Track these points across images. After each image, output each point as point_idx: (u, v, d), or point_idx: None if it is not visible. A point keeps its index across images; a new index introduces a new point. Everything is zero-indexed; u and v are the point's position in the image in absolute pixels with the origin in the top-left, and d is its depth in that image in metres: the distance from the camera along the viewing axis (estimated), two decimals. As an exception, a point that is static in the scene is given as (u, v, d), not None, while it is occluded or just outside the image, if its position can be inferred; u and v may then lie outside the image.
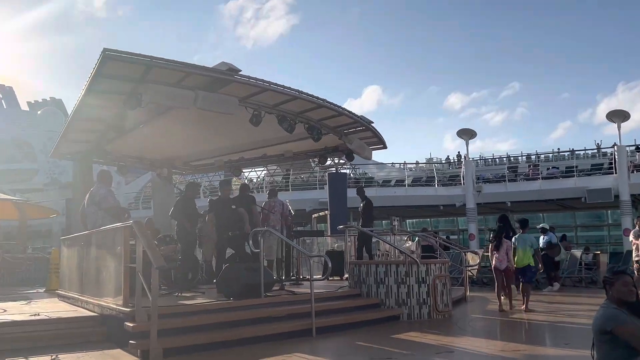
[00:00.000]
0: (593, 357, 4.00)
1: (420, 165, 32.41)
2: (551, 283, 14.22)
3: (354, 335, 7.29)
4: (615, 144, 25.59)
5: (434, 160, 35.23)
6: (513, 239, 10.57)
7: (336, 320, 7.76)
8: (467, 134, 23.39)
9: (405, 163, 30.47)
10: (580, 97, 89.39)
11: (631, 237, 12.70)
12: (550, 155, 29.15)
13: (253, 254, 8.27)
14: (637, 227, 12.85)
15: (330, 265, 7.64)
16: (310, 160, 27.66)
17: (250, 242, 8.11)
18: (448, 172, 28.41)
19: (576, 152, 27.95)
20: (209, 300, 7.51)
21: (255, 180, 28.52)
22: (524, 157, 30.85)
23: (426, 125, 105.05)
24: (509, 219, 12.29)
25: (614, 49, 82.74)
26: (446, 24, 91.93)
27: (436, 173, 26.51)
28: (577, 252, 17.42)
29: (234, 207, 9.35)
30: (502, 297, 10.19)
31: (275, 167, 26.53)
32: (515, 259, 10.36)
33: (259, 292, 7.63)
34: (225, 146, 12.52)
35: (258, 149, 12.49)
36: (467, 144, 23.39)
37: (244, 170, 22.09)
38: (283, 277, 10.80)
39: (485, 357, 6.16)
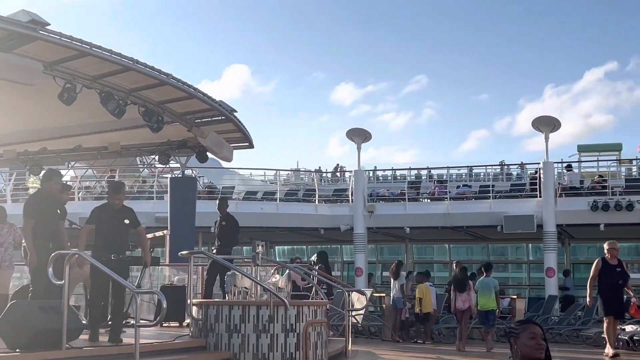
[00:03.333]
0: None
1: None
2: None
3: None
4: (520, 163, 27.82)
5: (302, 170, 35.22)
6: (477, 283, 14.37)
7: (170, 383, 7.63)
8: (359, 136, 24.11)
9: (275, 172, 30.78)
10: (502, 99, 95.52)
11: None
12: (444, 172, 30.27)
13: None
14: None
15: (165, 305, 7.46)
16: (138, 159, 26.91)
17: (50, 270, 7.74)
18: (327, 187, 28.94)
19: (474, 170, 29.49)
20: (-19, 353, 7.06)
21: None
22: (411, 172, 31.95)
23: (307, 123, 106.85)
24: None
25: (545, 41, 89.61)
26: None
27: (317, 186, 27.05)
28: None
29: (127, 221, 8.91)
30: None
31: (86, 167, 25.36)
32: (479, 302, 14.04)
33: (59, 342, 7.30)
34: (20, 131, 12.02)
35: (69, 137, 12.10)
36: (358, 149, 24.11)
37: (45, 167, 21.13)
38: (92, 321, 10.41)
39: None
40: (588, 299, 12.81)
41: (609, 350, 11.98)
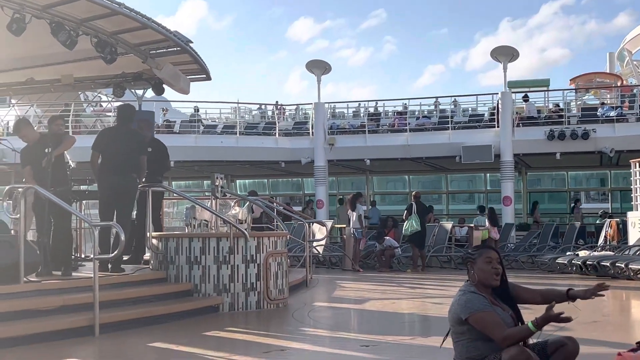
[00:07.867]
0: (441, 347, 4.38)
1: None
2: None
3: (153, 334, 7.29)
4: (454, 99, 27.79)
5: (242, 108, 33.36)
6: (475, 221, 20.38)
7: (130, 314, 7.71)
8: (319, 68, 23.96)
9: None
10: (459, 34, 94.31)
11: None
12: (384, 105, 29.15)
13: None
14: None
15: (124, 238, 7.46)
16: (82, 97, 26.03)
17: (5, 204, 7.65)
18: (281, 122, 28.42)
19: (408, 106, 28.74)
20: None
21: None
22: (349, 107, 31.06)
23: (264, 59, 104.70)
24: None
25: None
26: None
27: (277, 119, 26.89)
28: (447, 225, 19.00)
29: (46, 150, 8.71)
30: None
31: (29, 104, 24.43)
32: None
33: (18, 276, 7.28)
34: (-32, 63, 11.59)
35: (20, 70, 11.75)
36: (318, 81, 23.98)
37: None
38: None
39: (324, 355, 6.50)
40: None
41: None
